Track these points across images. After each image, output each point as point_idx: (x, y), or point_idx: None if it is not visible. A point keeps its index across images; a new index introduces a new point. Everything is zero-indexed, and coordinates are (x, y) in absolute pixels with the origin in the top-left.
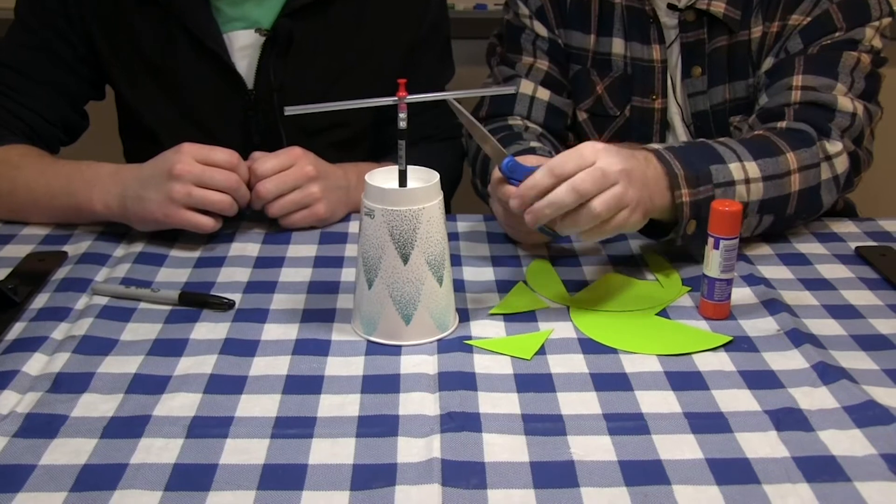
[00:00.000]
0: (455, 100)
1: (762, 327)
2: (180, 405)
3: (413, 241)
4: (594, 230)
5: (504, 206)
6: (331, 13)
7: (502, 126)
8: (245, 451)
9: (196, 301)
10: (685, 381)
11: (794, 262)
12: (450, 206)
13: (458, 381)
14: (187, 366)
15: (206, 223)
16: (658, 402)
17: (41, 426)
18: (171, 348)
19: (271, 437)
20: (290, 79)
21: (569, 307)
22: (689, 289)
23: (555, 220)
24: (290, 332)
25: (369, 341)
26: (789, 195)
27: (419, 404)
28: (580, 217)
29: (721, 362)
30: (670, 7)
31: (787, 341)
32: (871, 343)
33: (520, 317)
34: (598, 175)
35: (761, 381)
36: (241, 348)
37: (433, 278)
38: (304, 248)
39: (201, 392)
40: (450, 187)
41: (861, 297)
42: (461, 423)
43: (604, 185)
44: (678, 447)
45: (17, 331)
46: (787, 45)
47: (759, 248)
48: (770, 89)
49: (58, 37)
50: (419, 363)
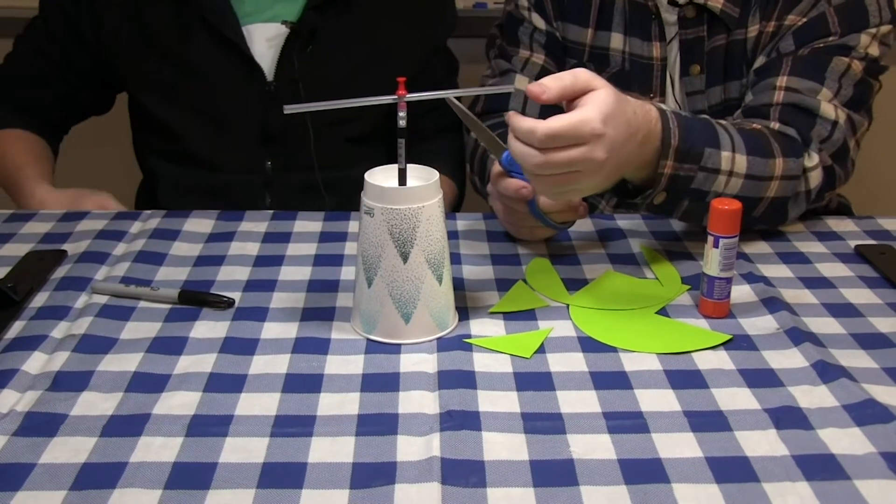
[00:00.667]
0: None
1: (762, 326)
2: (180, 404)
3: (413, 239)
4: (541, 178)
5: (505, 203)
6: (353, 8)
7: (499, 122)
8: (245, 450)
9: (196, 300)
10: (685, 379)
11: (793, 261)
12: (464, 192)
13: (457, 380)
14: (187, 364)
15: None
16: (658, 400)
17: (41, 425)
18: (170, 347)
19: (271, 435)
20: (311, 72)
21: (568, 306)
22: (689, 287)
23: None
24: (289, 330)
25: (369, 340)
26: (762, 199)
27: (419, 403)
28: (538, 183)
29: (721, 361)
30: (671, 2)
31: (787, 340)
32: (870, 341)
33: (519, 315)
34: (571, 133)
35: (761, 379)
36: (241, 347)
37: (433, 277)
38: (303, 247)
39: (201, 390)
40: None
41: (860, 296)
42: (461, 421)
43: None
44: (678, 446)
45: (16, 329)
46: (779, 45)
47: (758, 247)
48: (755, 87)
49: (73, 35)
50: (419, 362)
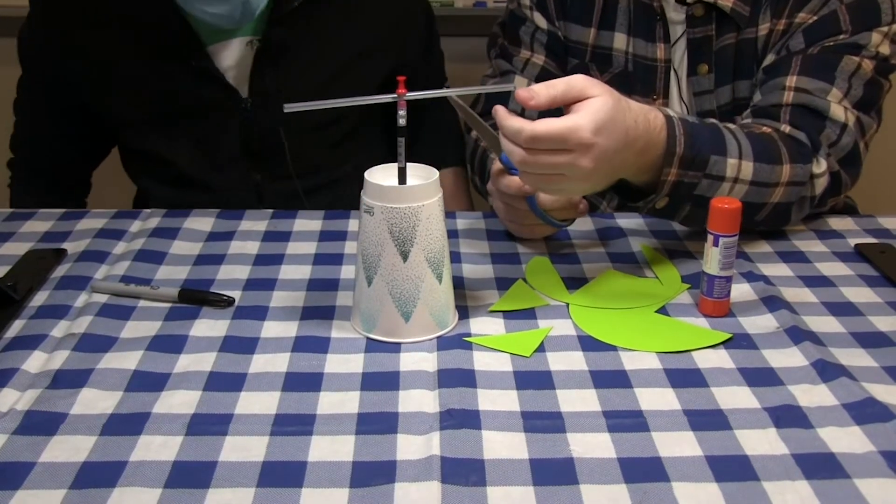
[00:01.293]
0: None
1: (762, 324)
2: (180, 402)
3: (412, 238)
4: (526, 174)
5: (505, 201)
6: (318, 17)
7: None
8: (244, 449)
9: (195, 298)
10: (684, 378)
11: (793, 260)
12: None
13: (457, 379)
14: (187, 363)
15: None
16: (657, 399)
17: (41, 423)
18: (170, 345)
19: (271, 434)
20: (286, 85)
21: (568, 304)
22: (689, 286)
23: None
24: (289, 329)
25: (369, 338)
26: (765, 204)
27: (419, 401)
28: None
29: (720, 359)
30: (679, 1)
31: (787, 339)
32: (870, 340)
33: (519, 314)
34: (557, 137)
35: (761, 378)
36: (241, 345)
37: (432, 275)
38: (303, 246)
39: (201, 389)
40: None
41: (860, 295)
42: (461, 420)
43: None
44: (677, 444)
45: (16, 328)
46: (789, 43)
47: (758, 246)
48: (764, 87)
49: (53, 90)
50: (419, 360)
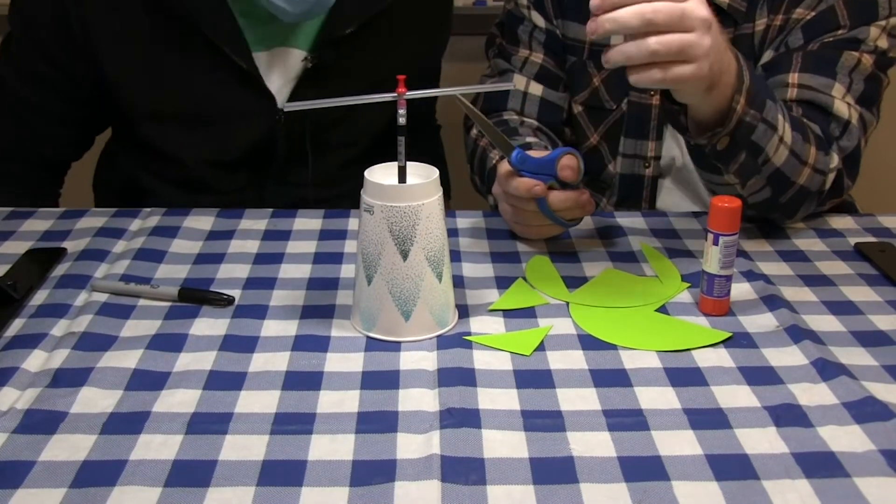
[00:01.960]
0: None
1: (761, 323)
2: (180, 401)
3: (412, 237)
4: (645, 70)
5: (512, 203)
6: (363, 44)
7: (498, 121)
8: (244, 448)
9: (195, 297)
10: (684, 377)
11: (793, 259)
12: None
13: (457, 378)
14: (187, 362)
15: None
16: (657, 398)
17: (40, 422)
18: (170, 344)
19: (271, 433)
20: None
21: (568, 303)
22: (689, 285)
23: (615, 51)
24: (289, 328)
25: (369, 337)
26: (794, 184)
27: (418, 400)
28: (638, 49)
29: (720, 358)
30: None
31: (787, 337)
32: (870, 339)
33: (519, 313)
34: (677, 13)
35: (760, 377)
36: (241, 344)
37: (432, 274)
38: (303, 245)
39: (201, 388)
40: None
41: (860, 294)
42: (461, 419)
43: (676, 27)
44: (677, 443)
45: (16, 327)
46: (787, 40)
47: (758, 245)
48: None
49: (59, 70)
50: (418, 359)
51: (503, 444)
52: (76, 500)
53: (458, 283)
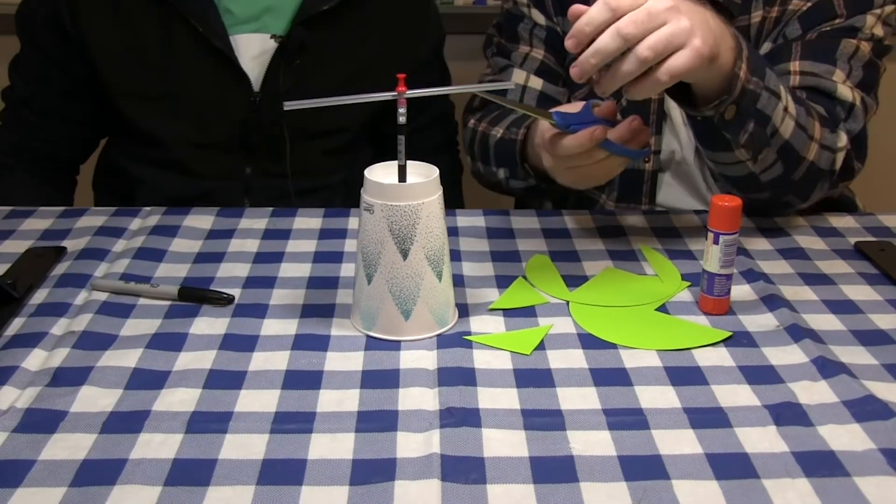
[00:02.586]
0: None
1: (762, 322)
2: (180, 400)
3: (412, 236)
4: (646, 80)
5: (575, 163)
6: (339, 24)
7: (496, 109)
8: (244, 446)
9: (195, 296)
10: (684, 376)
11: (793, 258)
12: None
13: (457, 377)
14: (187, 361)
15: None
16: (657, 397)
17: (40, 421)
18: (170, 343)
19: (270, 432)
20: (297, 86)
21: (568, 302)
22: (689, 284)
23: (608, 78)
24: (289, 327)
25: (368, 336)
26: (804, 159)
27: (418, 399)
28: (628, 64)
29: (720, 357)
30: None
31: (787, 336)
32: (870, 338)
33: (519, 312)
34: (643, 16)
35: (761, 376)
36: (241, 343)
37: (432, 273)
38: (303, 244)
39: (201, 387)
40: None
41: (860, 293)
42: (460, 418)
43: (650, 27)
44: (677, 442)
45: (16, 326)
46: (785, 31)
47: (758, 244)
48: None
49: (56, 66)
50: (418, 358)
51: (503, 443)
52: (76, 499)
53: (458, 282)
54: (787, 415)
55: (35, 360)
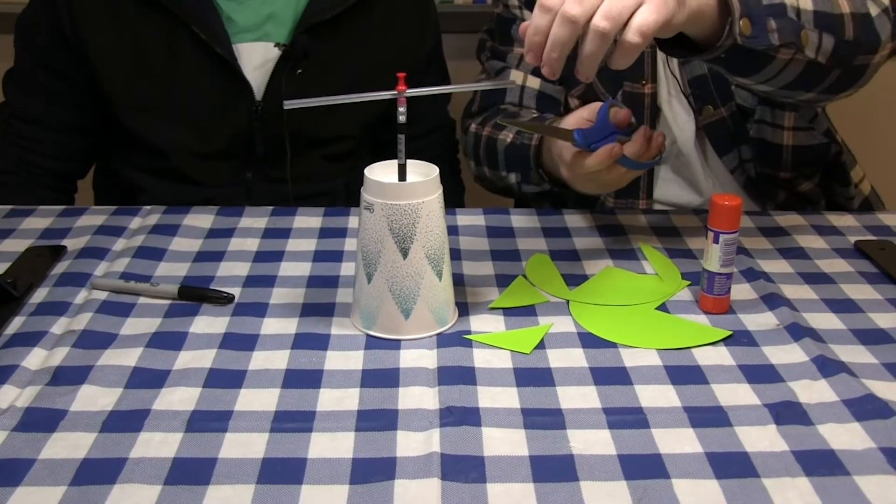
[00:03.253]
0: (457, 92)
1: (762, 322)
2: (180, 399)
3: (412, 235)
4: (620, 50)
5: (593, 178)
6: (342, 32)
7: (496, 112)
8: (244, 445)
9: (195, 295)
10: (684, 375)
11: (793, 257)
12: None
13: (457, 376)
14: (187, 360)
15: None
16: (657, 396)
17: (40, 420)
18: (170, 342)
19: (270, 430)
20: (299, 94)
21: (568, 301)
22: (689, 283)
23: (581, 62)
24: (289, 326)
25: (368, 335)
26: (841, 15)
27: (418, 398)
28: (591, 42)
29: (720, 356)
30: None
31: (787, 335)
32: (870, 337)
33: (519, 311)
34: None
35: (761, 375)
36: (241, 342)
37: (432, 272)
38: (303, 243)
39: (201, 386)
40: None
41: (860, 292)
42: (460, 417)
43: (595, 1)
44: (677, 441)
45: (16, 325)
46: None
47: (758, 243)
48: None
49: (57, 76)
50: (418, 357)
51: (503, 442)
52: (76, 498)
53: (458, 281)
54: (787, 414)
55: (35, 359)
